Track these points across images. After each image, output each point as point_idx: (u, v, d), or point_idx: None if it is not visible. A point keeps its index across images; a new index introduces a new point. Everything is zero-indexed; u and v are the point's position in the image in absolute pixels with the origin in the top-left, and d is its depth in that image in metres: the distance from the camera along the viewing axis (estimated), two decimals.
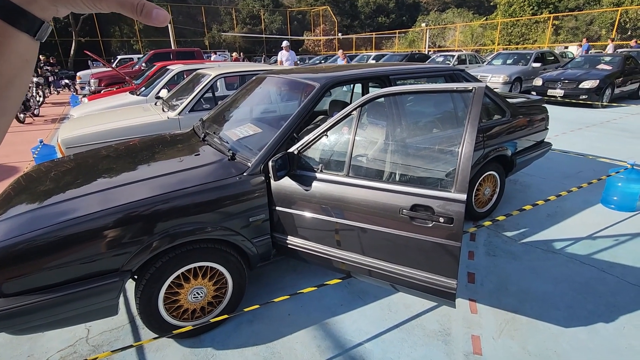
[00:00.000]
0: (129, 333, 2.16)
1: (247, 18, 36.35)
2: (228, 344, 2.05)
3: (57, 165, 2.55)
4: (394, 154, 2.02)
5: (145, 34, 29.72)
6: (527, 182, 4.24)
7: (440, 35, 30.86)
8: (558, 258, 2.77)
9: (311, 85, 2.35)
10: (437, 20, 34.17)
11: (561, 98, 8.83)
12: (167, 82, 5.65)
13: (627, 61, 9.23)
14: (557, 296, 2.36)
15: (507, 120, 3.24)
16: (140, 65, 11.02)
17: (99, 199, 1.85)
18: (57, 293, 1.62)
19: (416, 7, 45.15)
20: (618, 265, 2.66)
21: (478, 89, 1.55)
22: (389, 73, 2.61)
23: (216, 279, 2.08)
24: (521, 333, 2.08)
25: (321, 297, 2.41)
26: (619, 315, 2.19)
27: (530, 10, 25.13)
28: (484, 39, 27.12)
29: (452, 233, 1.56)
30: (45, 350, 2.05)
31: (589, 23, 26.85)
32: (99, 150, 2.74)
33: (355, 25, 40.71)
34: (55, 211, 1.77)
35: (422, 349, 1.99)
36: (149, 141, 2.85)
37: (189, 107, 4.06)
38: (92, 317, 1.81)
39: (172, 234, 1.83)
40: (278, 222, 2.11)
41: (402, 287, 1.83)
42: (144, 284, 1.86)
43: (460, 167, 1.54)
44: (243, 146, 2.30)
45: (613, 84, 8.69)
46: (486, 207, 3.38)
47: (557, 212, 3.49)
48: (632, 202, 3.45)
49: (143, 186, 1.96)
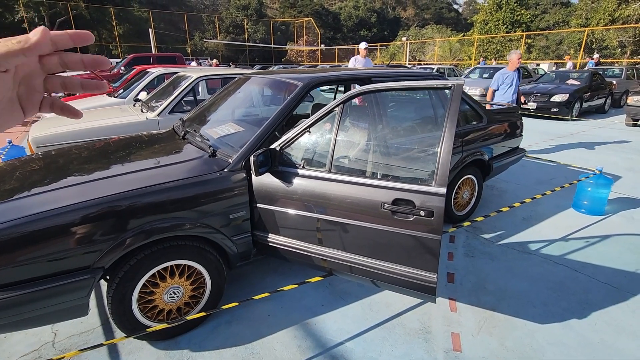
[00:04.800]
0: (100, 336, 2.05)
1: (231, 27, 36.39)
2: (205, 346, 1.98)
3: (26, 162, 2.43)
4: (376, 150, 2.04)
5: (125, 39, 29.25)
6: (503, 187, 4.36)
7: (420, 50, 31.79)
8: (533, 258, 2.85)
9: (294, 84, 2.36)
10: (417, 35, 35.25)
11: (534, 110, 9.21)
12: (147, 84, 5.56)
13: (594, 77, 9.75)
14: (533, 294, 2.42)
15: (484, 125, 3.34)
16: (119, 68, 10.80)
17: (70, 193, 1.77)
18: (24, 290, 1.53)
19: (397, 22, 46.50)
20: (589, 265, 2.76)
21: (457, 85, 1.59)
22: (371, 75, 2.66)
23: (194, 278, 2.01)
24: (499, 330, 2.11)
25: (302, 298, 2.37)
26: (591, 311, 2.26)
27: (504, 29, 26.32)
28: (462, 54, 28.13)
29: (433, 226, 1.58)
30: (7, 355, 1.93)
31: (558, 42, 28.35)
32: (70, 148, 2.64)
33: (338, 38, 41.47)
34: (23, 205, 1.69)
35: (403, 347, 1.98)
36: (124, 139, 2.77)
37: (169, 109, 3.99)
38: (60, 318, 1.72)
39: (148, 230, 1.77)
40: (259, 220, 2.08)
41: (383, 283, 1.83)
42: (117, 282, 1.78)
43: (440, 162, 1.57)
44: (224, 143, 2.27)
45: (582, 98, 9.15)
46: (465, 210, 3.45)
47: (532, 215, 3.61)
48: (601, 207, 3.60)
49: (117, 181, 1.90)
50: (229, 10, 38.09)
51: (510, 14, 26.39)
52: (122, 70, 9.95)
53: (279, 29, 39.64)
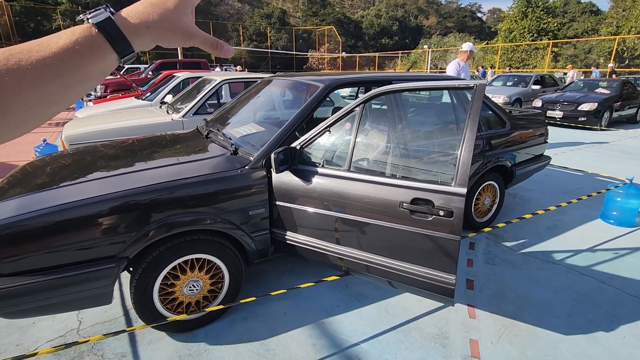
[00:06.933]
0: (122, 325, 2.12)
1: (254, 35, 37.22)
2: (221, 340, 2.01)
3: (58, 157, 2.56)
4: (396, 150, 2.04)
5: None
6: (526, 196, 4.25)
7: (442, 58, 31.51)
8: (557, 268, 2.75)
9: (315, 86, 2.39)
10: (439, 44, 34.98)
11: (560, 119, 8.95)
12: (173, 88, 5.74)
13: (625, 86, 9.40)
14: (557, 304, 2.33)
15: (507, 131, 3.28)
16: (147, 73, 11.21)
17: (98, 185, 1.85)
18: (53, 275, 1.60)
19: (419, 31, 46.30)
20: (617, 277, 2.64)
21: (479, 85, 1.58)
22: (392, 78, 2.66)
23: (213, 273, 2.06)
24: (520, 339, 2.04)
25: (318, 298, 2.38)
26: (619, 324, 2.16)
27: (530, 37, 25.79)
28: (485, 62, 27.69)
29: (452, 227, 1.56)
30: (34, 340, 2.01)
31: (587, 51, 27.51)
32: (97, 145, 2.76)
33: (359, 46, 41.65)
34: (54, 195, 1.77)
35: (420, 351, 1.95)
36: (150, 138, 2.87)
37: (193, 110, 4.11)
38: (85, 304, 1.78)
39: (170, 223, 1.82)
40: (278, 218, 2.11)
41: (399, 284, 1.81)
42: (140, 273, 1.84)
43: (461, 162, 1.56)
44: (246, 142, 2.32)
45: (611, 108, 8.82)
46: (486, 217, 3.37)
47: (557, 225, 3.49)
48: (631, 218, 3.45)
49: (142, 175, 1.97)
50: (253, 19, 38.99)
51: (537, 22, 25.89)
52: (150, 75, 10.32)
53: (301, 37, 40.21)
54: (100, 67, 0.42)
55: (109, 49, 0.41)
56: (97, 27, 0.40)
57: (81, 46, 0.40)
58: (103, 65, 0.42)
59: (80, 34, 0.40)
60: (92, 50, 0.40)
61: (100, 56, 0.41)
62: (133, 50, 0.43)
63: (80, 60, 0.40)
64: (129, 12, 0.43)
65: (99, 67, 0.42)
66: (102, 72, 0.43)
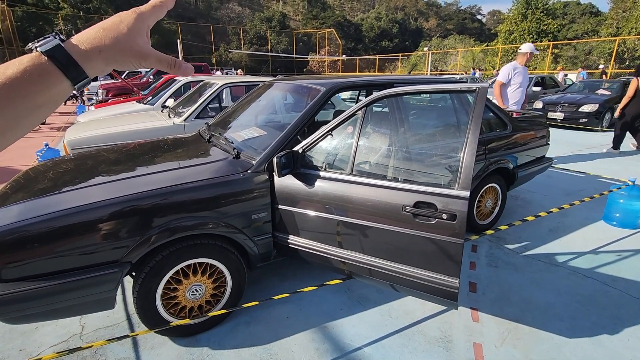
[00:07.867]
0: (125, 331, 2.12)
1: (254, 38, 37.36)
2: (224, 344, 2.01)
3: (60, 161, 2.56)
4: (398, 153, 2.04)
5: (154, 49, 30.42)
6: (528, 198, 4.24)
7: (442, 60, 31.58)
8: (560, 271, 2.74)
9: (317, 89, 2.40)
10: (439, 46, 35.06)
11: (561, 121, 8.94)
12: (174, 92, 5.76)
13: (626, 87, 9.39)
14: (560, 307, 2.32)
15: (509, 133, 3.28)
16: (148, 77, 11.25)
17: (101, 190, 1.86)
18: (56, 281, 1.61)
19: (419, 33, 46.41)
20: (621, 279, 2.63)
21: (481, 88, 1.58)
22: (393, 81, 2.67)
23: (215, 277, 2.05)
24: (524, 342, 2.03)
25: (320, 302, 2.37)
26: (624, 327, 2.15)
27: (530, 39, 25.82)
28: (485, 64, 27.72)
29: (455, 230, 1.56)
30: (37, 345, 2.01)
31: (587, 52, 27.53)
32: (99, 150, 2.76)
33: (359, 48, 41.75)
34: (57, 200, 1.78)
35: (423, 355, 1.94)
36: (152, 142, 2.87)
37: (195, 114, 4.12)
38: (88, 309, 1.79)
39: (172, 227, 1.82)
40: (280, 221, 2.11)
41: (402, 287, 1.81)
42: (143, 277, 1.84)
43: (464, 165, 1.56)
44: (248, 146, 2.32)
45: (612, 109, 8.81)
46: (488, 220, 3.37)
47: (559, 227, 3.48)
48: (634, 219, 3.44)
49: (144, 180, 1.97)
50: (253, 23, 39.17)
51: (537, 23, 25.94)
52: (151, 79, 10.36)
53: (301, 40, 40.35)
54: (52, 95, 0.42)
55: (61, 75, 0.41)
56: (46, 54, 0.40)
57: (30, 75, 0.39)
58: (55, 93, 0.42)
59: (28, 62, 0.40)
60: (43, 78, 0.40)
61: (52, 84, 0.41)
62: (87, 76, 0.43)
63: (31, 89, 0.40)
64: (80, 39, 0.43)
65: (51, 95, 0.42)
66: (55, 100, 0.43)
